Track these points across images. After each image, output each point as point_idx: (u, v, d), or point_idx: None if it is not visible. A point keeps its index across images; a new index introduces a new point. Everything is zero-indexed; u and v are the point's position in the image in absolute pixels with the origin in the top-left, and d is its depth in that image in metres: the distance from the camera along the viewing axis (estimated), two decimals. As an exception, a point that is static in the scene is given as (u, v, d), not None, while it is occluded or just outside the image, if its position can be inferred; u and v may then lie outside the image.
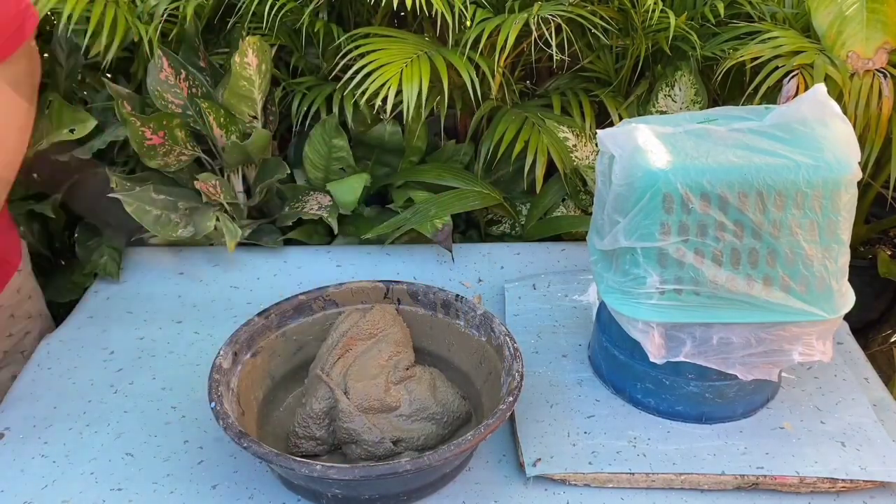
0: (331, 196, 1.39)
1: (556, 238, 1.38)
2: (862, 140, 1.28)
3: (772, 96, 1.35)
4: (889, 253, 1.76)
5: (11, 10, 0.98)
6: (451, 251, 1.27)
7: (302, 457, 0.83)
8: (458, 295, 0.96)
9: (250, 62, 1.32)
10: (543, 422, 0.91)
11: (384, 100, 1.29)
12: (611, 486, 0.85)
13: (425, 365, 0.95)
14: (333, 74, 1.47)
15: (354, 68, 1.34)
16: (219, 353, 0.87)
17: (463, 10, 1.36)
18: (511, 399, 0.81)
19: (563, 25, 1.33)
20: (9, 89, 1.00)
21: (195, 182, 1.28)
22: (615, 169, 0.83)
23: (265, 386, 0.93)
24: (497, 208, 1.44)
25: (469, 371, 0.95)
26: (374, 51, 1.35)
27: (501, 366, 0.89)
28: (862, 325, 1.84)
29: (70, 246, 1.34)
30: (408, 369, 0.91)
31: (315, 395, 0.88)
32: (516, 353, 0.87)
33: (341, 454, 0.89)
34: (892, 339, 1.85)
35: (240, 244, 1.27)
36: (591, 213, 0.98)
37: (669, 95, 1.44)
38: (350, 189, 1.36)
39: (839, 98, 1.26)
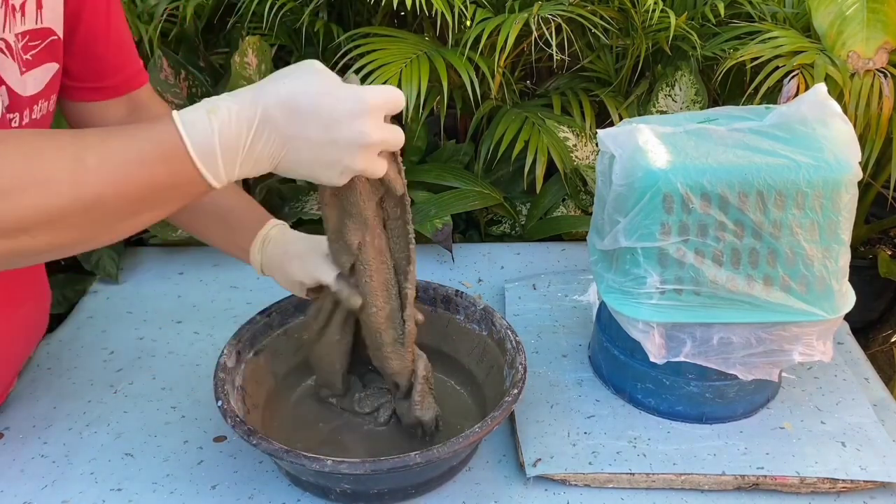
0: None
1: (556, 238, 1.38)
2: (862, 140, 1.28)
3: (772, 96, 1.35)
4: (889, 253, 1.76)
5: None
6: (451, 251, 1.27)
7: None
8: (457, 290, 0.96)
9: (250, 62, 1.32)
10: (543, 422, 0.91)
11: (384, 99, 1.29)
12: (611, 486, 0.85)
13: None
14: (333, 74, 1.47)
15: (354, 68, 1.34)
16: (223, 351, 0.87)
17: (463, 9, 1.36)
18: (516, 391, 0.81)
19: (563, 25, 1.33)
20: None
21: (195, 182, 1.28)
22: (615, 169, 0.83)
23: (268, 384, 0.93)
24: (497, 208, 1.44)
25: (471, 366, 0.95)
26: (373, 51, 1.36)
27: (504, 359, 0.89)
28: (862, 325, 1.84)
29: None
30: None
31: None
32: (518, 347, 0.87)
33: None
34: (893, 339, 1.85)
35: (240, 244, 1.27)
36: (591, 213, 0.98)
37: (669, 95, 1.44)
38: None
39: (839, 98, 1.26)
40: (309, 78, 0.65)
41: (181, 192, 0.63)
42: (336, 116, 0.64)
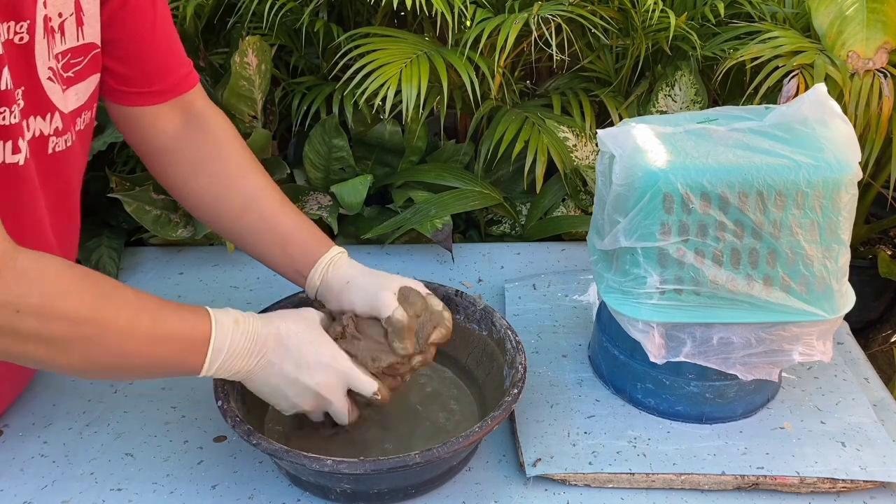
0: (331, 196, 1.39)
1: (556, 238, 1.38)
2: (862, 140, 1.28)
3: (772, 96, 1.35)
4: (889, 253, 1.75)
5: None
6: (451, 251, 1.27)
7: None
8: (457, 290, 0.96)
9: (250, 62, 1.32)
10: (543, 422, 0.91)
11: (384, 100, 1.29)
12: (611, 486, 0.85)
13: None
14: (333, 74, 1.47)
15: (354, 68, 1.34)
16: None
17: (463, 9, 1.36)
18: (516, 391, 0.81)
19: (563, 25, 1.33)
20: None
21: (195, 182, 1.28)
22: (615, 169, 0.83)
23: None
24: (497, 208, 1.44)
25: (471, 366, 0.95)
26: (373, 50, 1.36)
27: (504, 359, 0.89)
28: (862, 325, 1.84)
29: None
30: None
31: None
32: (518, 346, 0.87)
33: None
34: (892, 339, 1.85)
35: (240, 244, 1.26)
36: (591, 213, 0.97)
37: (669, 95, 1.44)
38: (355, 190, 1.36)
39: (839, 98, 1.26)
40: (302, 325, 0.79)
41: (173, 370, 0.75)
42: (307, 362, 0.77)
